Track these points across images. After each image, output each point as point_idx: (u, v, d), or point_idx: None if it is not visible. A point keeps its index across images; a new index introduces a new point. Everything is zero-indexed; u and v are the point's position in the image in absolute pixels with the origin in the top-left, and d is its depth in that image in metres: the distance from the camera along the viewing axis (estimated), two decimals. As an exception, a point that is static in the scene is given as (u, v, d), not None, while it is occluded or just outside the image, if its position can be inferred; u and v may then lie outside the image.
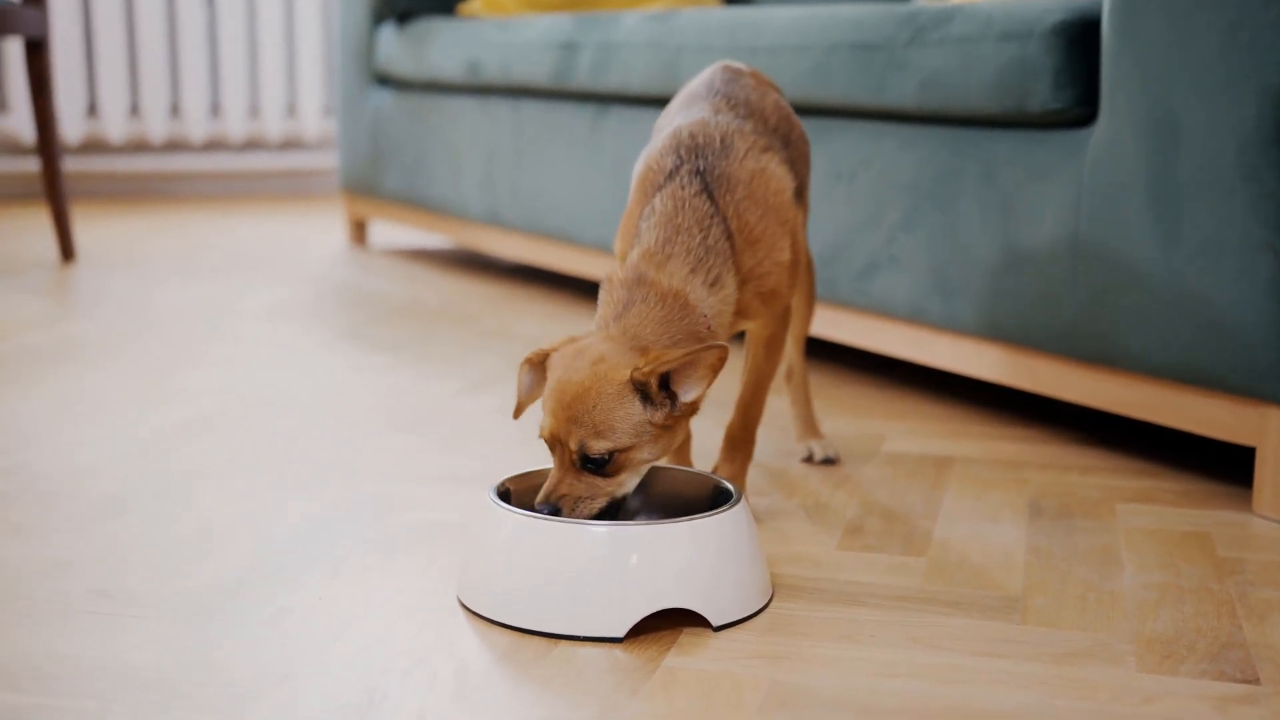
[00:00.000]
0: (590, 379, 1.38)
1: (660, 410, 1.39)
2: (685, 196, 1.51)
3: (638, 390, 1.38)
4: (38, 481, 1.77)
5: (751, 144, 1.56)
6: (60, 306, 3.04)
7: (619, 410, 1.38)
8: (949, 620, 1.37)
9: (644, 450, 1.40)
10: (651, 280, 1.47)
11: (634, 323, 1.45)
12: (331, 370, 2.48)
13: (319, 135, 5.20)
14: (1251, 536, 1.64)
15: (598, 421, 1.37)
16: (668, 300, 1.46)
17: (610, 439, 1.38)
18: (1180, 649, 1.31)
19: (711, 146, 1.54)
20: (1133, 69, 1.77)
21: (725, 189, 1.52)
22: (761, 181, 1.55)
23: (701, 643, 1.31)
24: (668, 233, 1.49)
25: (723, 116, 1.59)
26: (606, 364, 1.39)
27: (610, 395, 1.38)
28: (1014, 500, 1.76)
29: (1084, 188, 1.86)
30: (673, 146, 1.56)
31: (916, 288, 2.16)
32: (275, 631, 1.32)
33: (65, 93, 4.73)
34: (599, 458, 1.38)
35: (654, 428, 1.40)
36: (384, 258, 3.84)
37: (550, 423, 1.40)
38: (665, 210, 1.50)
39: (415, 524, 1.63)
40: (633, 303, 1.46)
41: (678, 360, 1.38)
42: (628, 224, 1.56)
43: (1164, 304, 1.77)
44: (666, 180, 1.53)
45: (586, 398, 1.38)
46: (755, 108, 1.63)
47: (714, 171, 1.53)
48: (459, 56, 3.32)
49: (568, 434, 1.38)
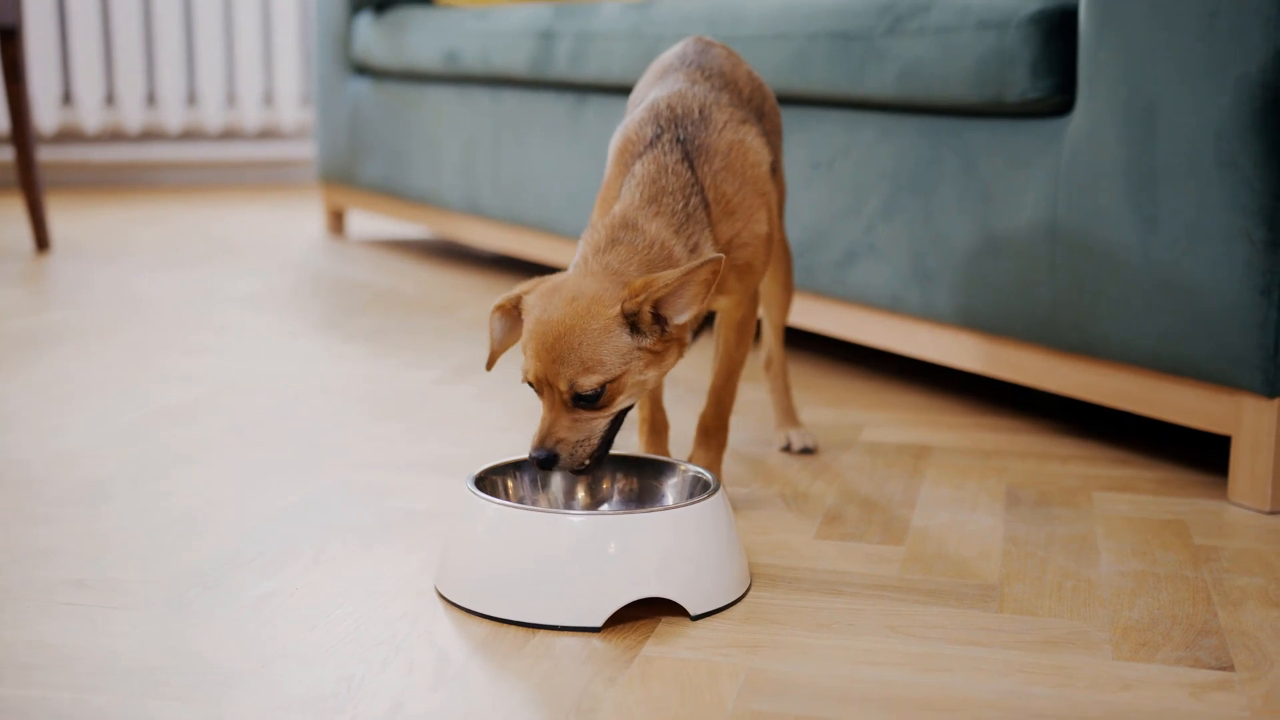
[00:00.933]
0: (573, 315, 1.37)
1: (650, 336, 1.39)
2: (668, 163, 1.51)
3: (625, 322, 1.38)
4: (17, 468, 1.76)
5: (730, 115, 1.57)
6: (36, 295, 3.02)
7: (606, 343, 1.37)
8: (927, 609, 1.38)
9: (635, 375, 1.40)
10: (639, 226, 1.46)
11: (618, 259, 1.44)
12: (311, 359, 2.47)
13: (296, 125, 5.18)
14: (1227, 524, 1.65)
15: (585, 357, 1.37)
16: (654, 247, 1.45)
17: (600, 372, 1.37)
18: (1156, 636, 1.32)
19: (690, 117, 1.55)
20: (1110, 58, 1.77)
21: (704, 159, 1.52)
22: (740, 153, 1.55)
23: (680, 632, 1.31)
24: (653, 192, 1.49)
25: (699, 87, 1.59)
26: (589, 298, 1.38)
27: (596, 330, 1.37)
28: (992, 489, 1.77)
29: (1062, 176, 1.87)
30: (652, 117, 1.56)
31: (895, 277, 2.16)
32: (255, 619, 1.31)
33: (40, 81, 4.70)
34: (591, 393, 1.37)
35: (644, 353, 1.40)
36: (362, 248, 3.82)
37: (535, 365, 1.39)
38: (648, 174, 1.50)
39: (395, 512, 1.63)
40: (618, 243, 1.45)
41: (674, 283, 1.37)
42: (606, 194, 1.56)
43: (1142, 292, 1.77)
44: (647, 148, 1.53)
45: (571, 335, 1.37)
46: (729, 78, 1.64)
47: (694, 141, 1.53)
48: (437, 46, 3.31)
49: (555, 374, 1.37)
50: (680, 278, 1.37)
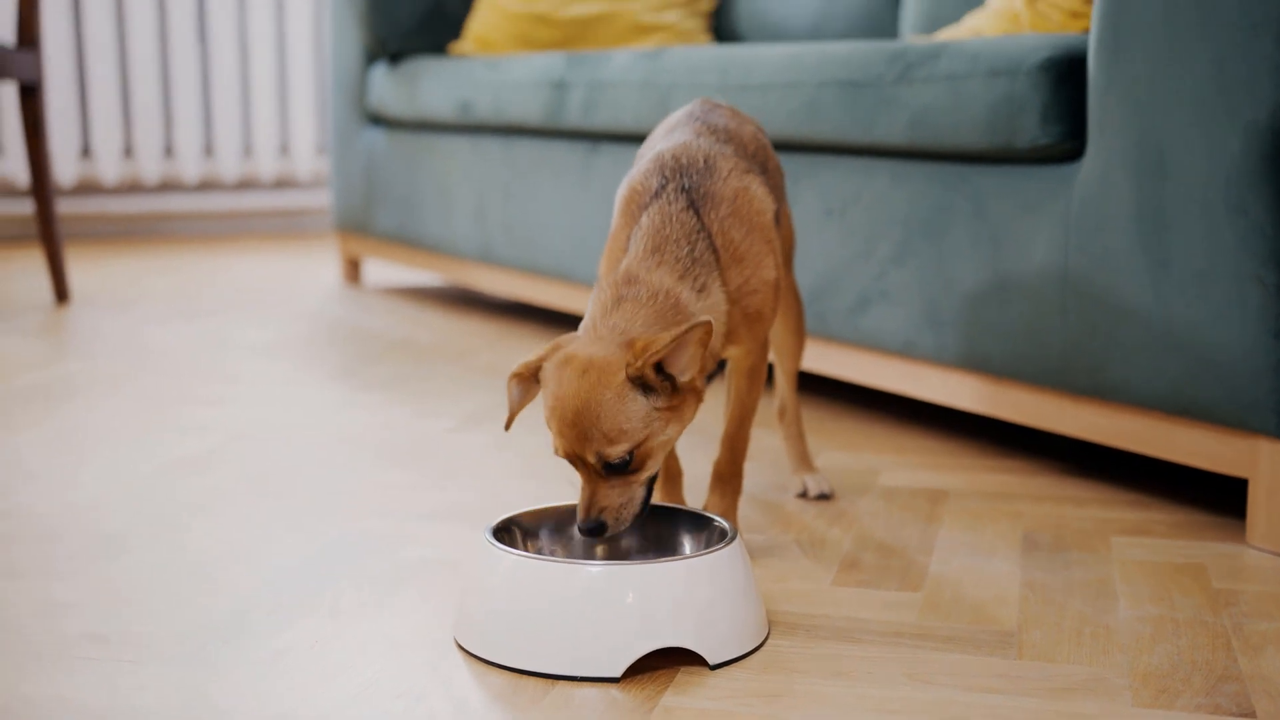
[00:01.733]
0: (586, 388, 1.39)
1: (663, 395, 1.41)
2: (672, 212, 1.53)
3: (637, 385, 1.40)
4: (35, 521, 1.77)
5: (734, 165, 1.59)
6: (55, 347, 3.04)
7: (624, 411, 1.39)
8: (945, 656, 1.37)
9: (660, 435, 1.42)
10: (642, 279, 1.48)
11: (624, 318, 1.46)
12: (326, 407, 2.48)
13: (312, 174, 5.22)
14: (1245, 568, 1.65)
15: (606, 429, 1.38)
16: (658, 298, 1.47)
17: (624, 440, 1.39)
18: (1176, 682, 1.31)
19: (695, 166, 1.57)
20: (1119, 104, 1.79)
21: (710, 206, 1.54)
22: (745, 200, 1.57)
23: (699, 681, 1.31)
24: (656, 241, 1.51)
25: (704, 139, 1.62)
26: (598, 368, 1.40)
27: (611, 400, 1.39)
28: (1008, 533, 1.77)
29: (1073, 222, 1.88)
30: (657, 168, 1.58)
31: (908, 322, 2.17)
32: (273, 672, 1.32)
33: (59, 135, 4.75)
34: (620, 461, 1.40)
35: (663, 412, 1.41)
36: (378, 296, 3.84)
37: (562, 442, 1.42)
38: (653, 224, 1.52)
39: (411, 561, 1.64)
40: (623, 299, 1.47)
41: (666, 347, 1.39)
42: (613, 246, 1.58)
43: (1154, 336, 1.78)
44: (652, 199, 1.55)
45: (589, 409, 1.39)
46: (734, 134, 1.66)
47: (699, 189, 1.55)
48: (451, 96, 3.34)
49: (583, 449, 1.40)
50: (673, 340, 1.39)
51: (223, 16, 4.96)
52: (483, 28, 3.51)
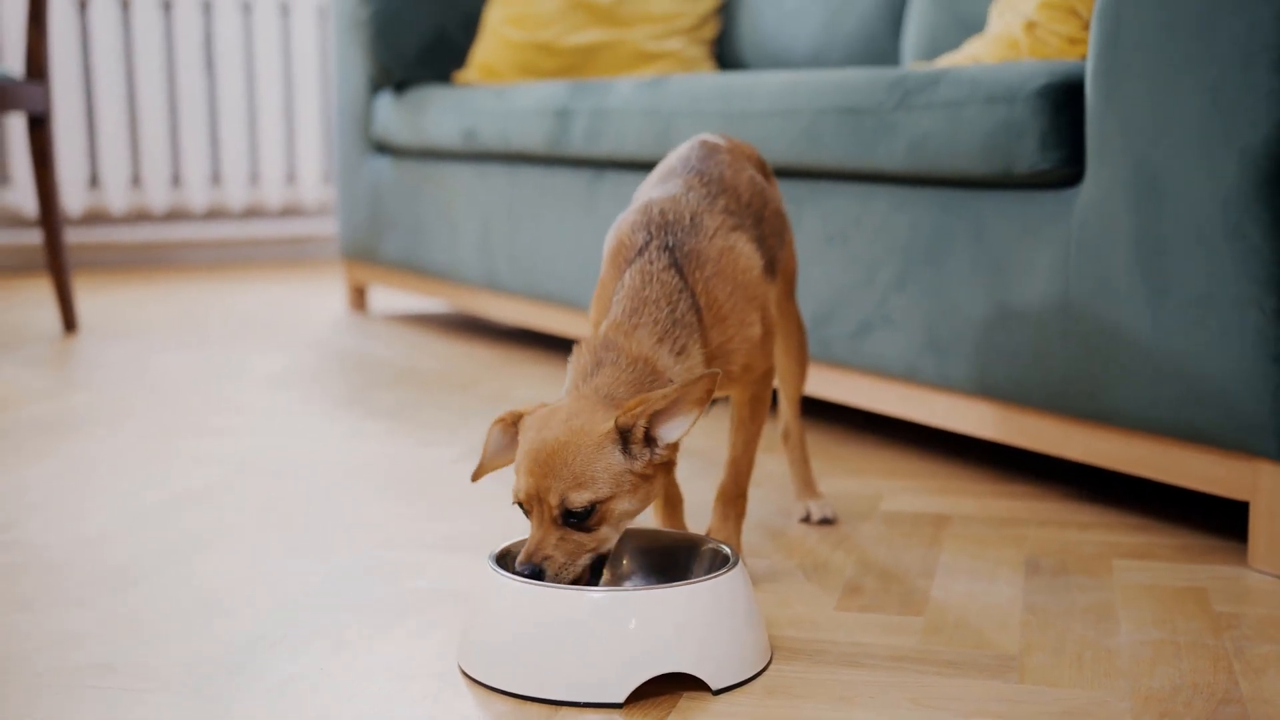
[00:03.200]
0: (567, 433, 1.40)
1: (639, 459, 1.41)
2: (654, 271, 1.53)
3: (617, 440, 1.40)
4: (43, 553, 1.79)
5: (720, 223, 1.59)
6: (63, 378, 3.06)
7: (599, 461, 1.39)
8: (947, 680, 1.38)
9: (624, 501, 1.41)
10: (620, 345, 1.49)
11: (605, 382, 1.46)
12: (333, 437, 2.49)
13: (318, 202, 5.25)
14: (1247, 591, 1.65)
15: (577, 473, 1.38)
16: (637, 365, 1.48)
17: (591, 489, 1.38)
18: (1178, 705, 1.32)
19: (681, 223, 1.57)
20: (1117, 130, 1.80)
21: (694, 265, 1.54)
22: (730, 259, 1.57)
23: (701, 706, 1.32)
24: (635, 304, 1.51)
25: (694, 194, 1.61)
26: (582, 418, 1.41)
27: (589, 447, 1.39)
28: (1011, 558, 1.77)
29: (1072, 246, 1.89)
30: (643, 223, 1.58)
31: (910, 346, 2.18)
32: (281, 702, 1.33)
33: (67, 165, 4.78)
34: (581, 510, 1.38)
35: (634, 476, 1.41)
36: (384, 323, 3.86)
37: (527, 481, 1.40)
38: (634, 285, 1.53)
39: (417, 591, 1.65)
40: (602, 365, 1.48)
41: (670, 398, 1.39)
42: (601, 294, 1.59)
43: (1153, 360, 1.79)
44: (636, 256, 1.55)
45: (564, 451, 1.39)
46: (729, 184, 1.66)
47: (683, 248, 1.55)
48: (455, 124, 3.37)
49: (546, 489, 1.39)
50: (676, 393, 1.39)
51: (229, 47, 5.00)
52: (486, 56, 3.53)
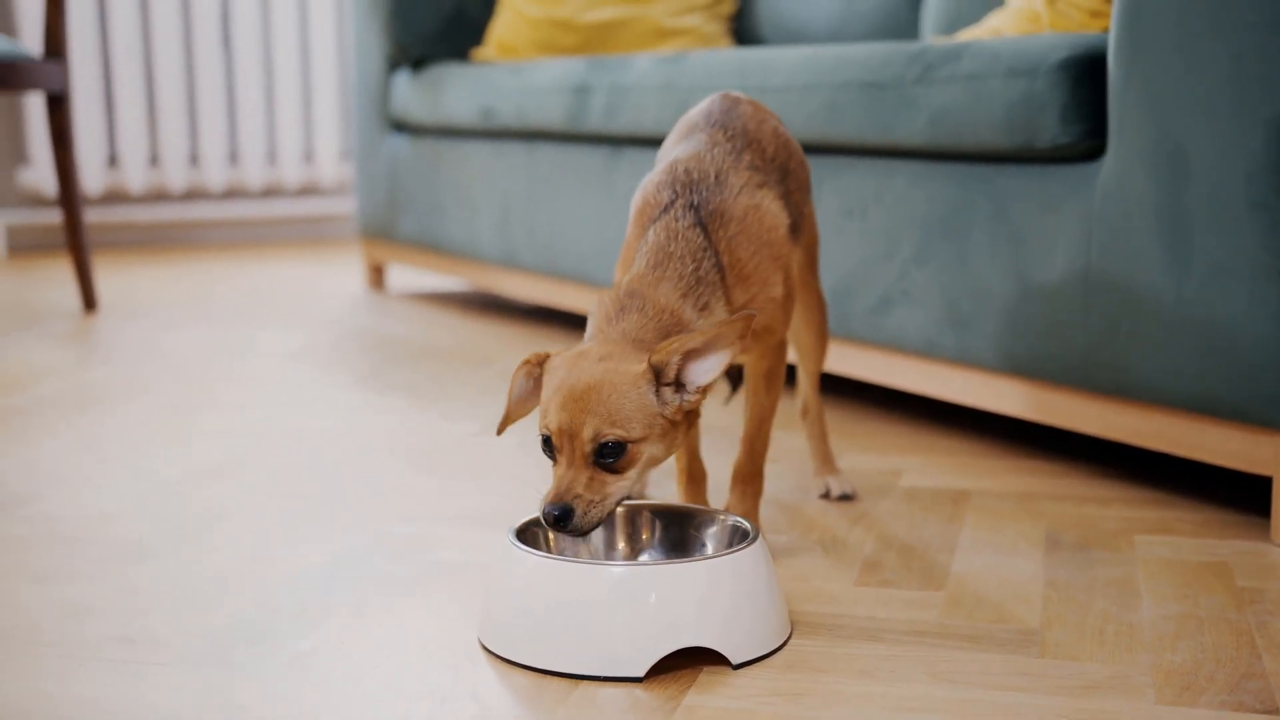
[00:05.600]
0: (602, 372, 1.39)
1: (670, 404, 1.41)
2: (679, 229, 1.53)
3: (651, 381, 1.40)
4: (60, 526, 1.79)
5: (746, 180, 1.59)
6: (82, 355, 3.07)
7: (633, 400, 1.39)
8: (967, 654, 1.37)
9: (652, 445, 1.41)
10: (645, 294, 1.49)
11: (632, 327, 1.46)
12: (350, 412, 2.49)
13: (336, 181, 5.25)
14: (1270, 566, 1.64)
15: (613, 410, 1.38)
16: (663, 314, 1.48)
17: (625, 428, 1.38)
18: (1200, 680, 1.31)
19: (706, 181, 1.57)
20: (1139, 103, 1.78)
21: (719, 224, 1.54)
22: (755, 218, 1.57)
23: (721, 681, 1.31)
24: (659, 258, 1.51)
25: (719, 149, 1.61)
26: (615, 359, 1.41)
27: (625, 385, 1.39)
28: (1031, 533, 1.76)
29: (1094, 220, 1.88)
30: (669, 181, 1.58)
31: (930, 322, 2.17)
32: (298, 674, 1.33)
33: (86, 144, 4.79)
34: (615, 448, 1.38)
35: (664, 421, 1.41)
36: (402, 301, 3.86)
37: (560, 416, 1.39)
38: (658, 240, 1.53)
39: (435, 564, 1.65)
40: (627, 310, 1.48)
41: (704, 336, 1.39)
42: (626, 254, 1.59)
43: (1176, 334, 1.77)
44: (661, 214, 1.55)
45: (600, 388, 1.38)
46: (753, 137, 1.65)
47: (708, 206, 1.55)
48: (473, 101, 3.36)
49: (580, 424, 1.38)
50: (712, 332, 1.39)
51: (247, 25, 4.99)
52: (504, 33, 3.52)
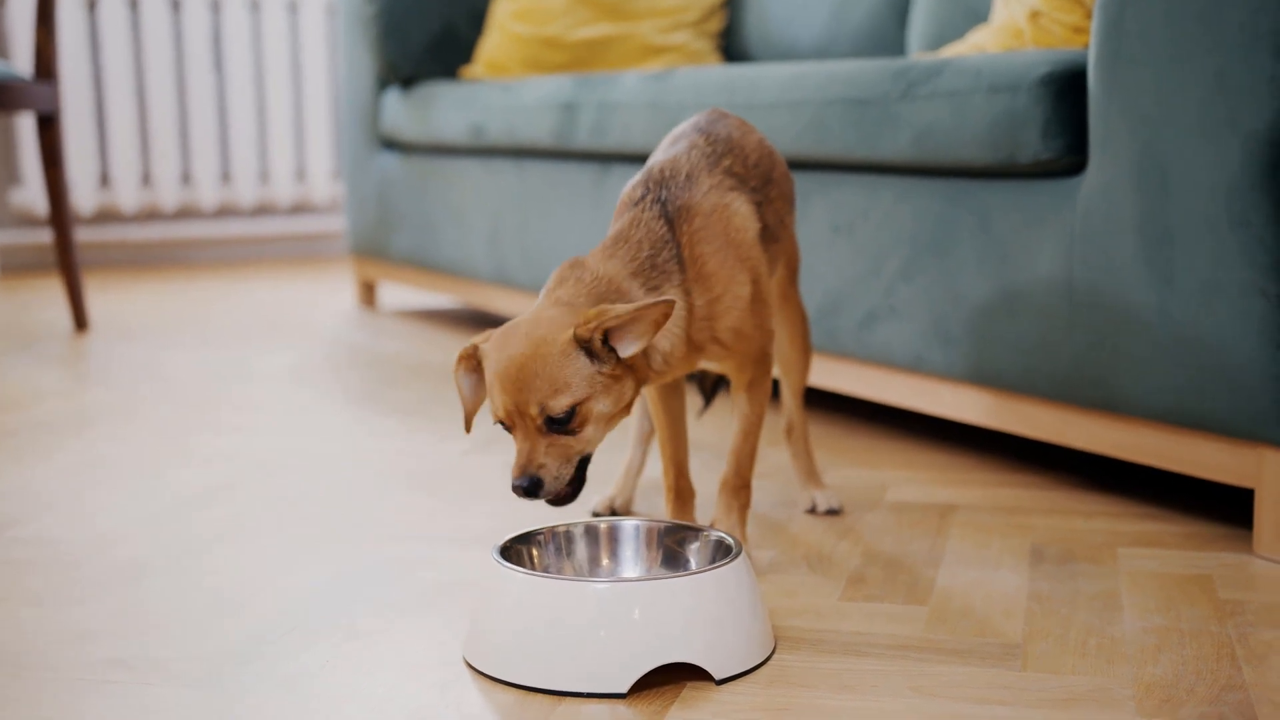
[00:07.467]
0: (530, 345, 1.43)
1: (607, 362, 1.44)
2: (645, 219, 1.57)
3: (581, 346, 1.43)
4: (56, 549, 1.80)
5: (718, 181, 1.62)
6: (75, 376, 3.08)
7: (567, 366, 1.42)
8: (951, 668, 1.39)
9: (600, 401, 1.45)
10: (588, 265, 1.53)
11: (566, 293, 1.50)
12: (344, 432, 2.51)
13: (328, 199, 5.26)
14: (1252, 578, 1.65)
15: (551, 378, 1.42)
16: (600, 282, 1.51)
17: (568, 394, 1.42)
18: (1180, 692, 1.32)
19: (677, 179, 1.61)
20: (1120, 118, 1.80)
21: (684, 219, 1.58)
22: (722, 216, 1.60)
23: (705, 696, 1.32)
24: (618, 240, 1.56)
25: (696, 152, 1.65)
26: (542, 329, 1.44)
27: (555, 355, 1.42)
28: (1016, 547, 1.78)
29: (1077, 235, 1.89)
30: (644, 179, 1.63)
31: (916, 337, 2.18)
32: (291, 694, 1.34)
33: (77, 164, 4.80)
34: (563, 414, 1.42)
35: (604, 377, 1.45)
36: (394, 319, 3.87)
37: (504, 399, 1.44)
38: (622, 228, 1.57)
39: (426, 584, 1.66)
40: (564, 279, 1.52)
41: (624, 317, 1.42)
42: None
43: (1159, 348, 1.79)
44: (632, 207, 1.60)
45: (533, 362, 1.42)
46: (736, 143, 1.68)
47: (675, 202, 1.58)
48: (463, 119, 3.38)
49: (524, 401, 1.42)
50: (631, 313, 1.42)
51: (238, 45, 5.01)
52: (493, 52, 3.54)
